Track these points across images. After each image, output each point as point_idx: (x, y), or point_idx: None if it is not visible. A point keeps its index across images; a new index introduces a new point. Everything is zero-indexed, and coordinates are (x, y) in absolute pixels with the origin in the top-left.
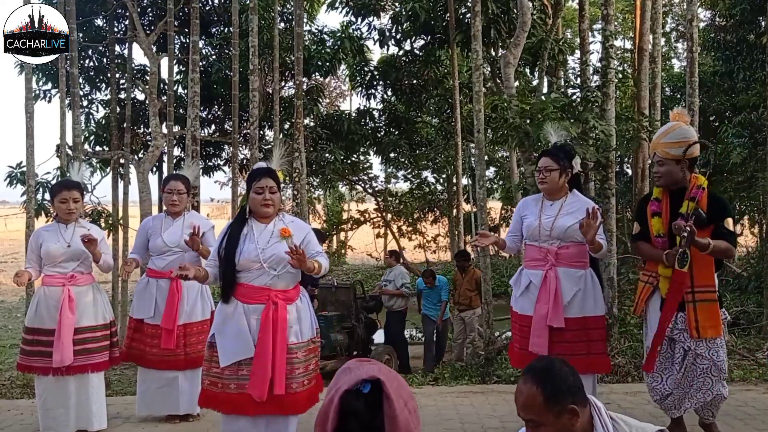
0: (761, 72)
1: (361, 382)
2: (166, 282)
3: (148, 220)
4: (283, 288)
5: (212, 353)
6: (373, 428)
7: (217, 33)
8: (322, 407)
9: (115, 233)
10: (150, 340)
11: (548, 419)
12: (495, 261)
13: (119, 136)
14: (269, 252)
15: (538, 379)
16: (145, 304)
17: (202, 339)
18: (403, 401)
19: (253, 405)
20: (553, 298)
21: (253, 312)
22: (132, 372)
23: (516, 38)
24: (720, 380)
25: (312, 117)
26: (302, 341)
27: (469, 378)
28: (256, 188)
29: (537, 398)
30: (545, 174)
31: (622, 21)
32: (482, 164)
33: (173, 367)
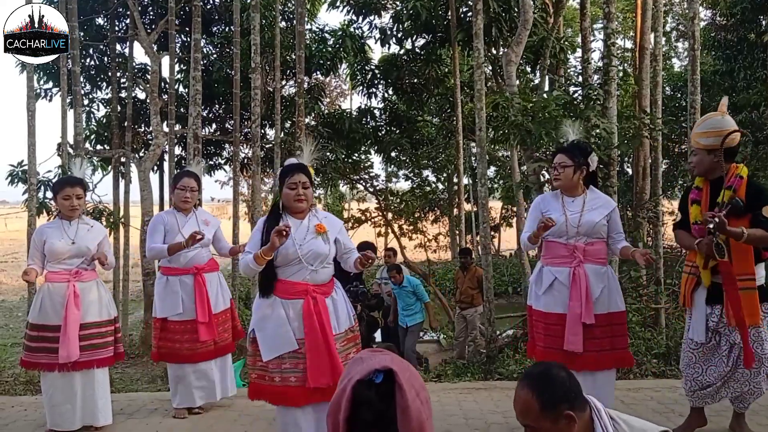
0: (762, 71)
1: (373, 372)
2: (189, 278)
3: (161, 216)
4: (320, 282)
5: (255, 348)
6: (385, 418)
7: (219, 32)
8: (335, 397)
9: (117, 232)
10: (180, 336)
11: (545, 425)
12: (495, 260)
13: (120, 135)
14: (306, 248)
15: (534, 386)
16: (171, 302)
17: (227, 327)
18: (415, 391)
19: (301, 396)
20: (585, 295)
21: (291, 307)
22: (134, 369)
23: (518, 36)
24: (761, 372)
25: (313, 116)
26: (340, 332)
27: (471, 375)
28: (289, 184)
29: (533, 405)
30: (559, 170)
31: (623, 20)
32: (484, 163)
33: (206, 357)
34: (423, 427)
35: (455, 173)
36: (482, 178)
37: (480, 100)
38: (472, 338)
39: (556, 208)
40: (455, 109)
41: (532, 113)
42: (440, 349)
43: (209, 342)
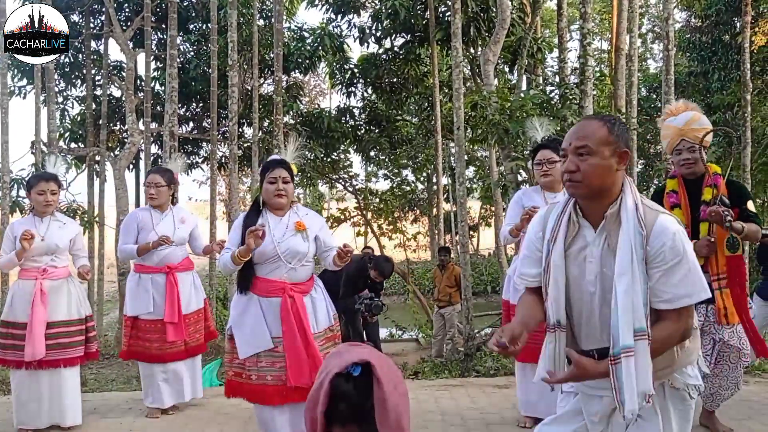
0: (736, 72)
1: (351, 365)
2: (161, 276)
3: (135, 213)
4: (299, 280)
5: (232, 345)
6: (363, 411)
7: (195, 29)
8: (312, 391)
9: (91, 231)
10: (150, 335)
11: (602, 152)
12: (474, 260)
13: (95, 133)
14: (285, 245)
15: (605, 119)
16: (142, 301)
17: (198, 328)
18: (393, 384)
19: (276, 394)
20: None
21: (269, 305)
22: (109, 370)
23: (495, 35)
24: (738, 367)
25: (292, 114)
26: (319, 331)
27: (449, 373)
28: (269, 178)
29: (601, 130)
30: (548, 166)
31: (599, 21)
32: (462, 162)
33: (176, 358)
34: (400, 420)
35: (434, 173)
36: (460, 177)
37: (458, 100)
38: (450, 336)
39: (539, 203)
40: (434, 109)
41: (510, 112)
42: (419, 348)
43: (179, 342)
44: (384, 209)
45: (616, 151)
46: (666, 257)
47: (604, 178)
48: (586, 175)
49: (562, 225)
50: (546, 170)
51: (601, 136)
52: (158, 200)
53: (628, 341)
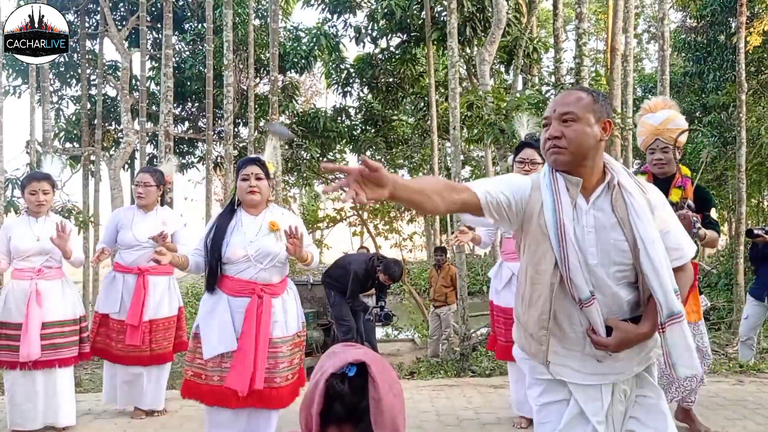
0: (731, 72)
1: (346, 366)
2: (133, 277)
3: (119, 211)
4: (270, 282)
5: (196, 344)
6: (358, 411)
7: (191, 29)
8: (308, 391)
9: (86, 231)
10: (115, 335)
11: (587, 119)
12: (470, 259)
13: (90, 133)
14: (256, 245)
15: (589, 90)
16: (111, 299)
17: (168, 335)
18: (388, 385)
19: (236, 398)
20: None
21: (238, 305)
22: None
23: (491, 36)
24: (703, 365)
25: (287, 114)
26: (288, 335)
27: (445, 373)
28: (242, 175)
29: (585, 98)
30: (530, 167)
31: (595, 21)
32: (458, 162)
33: (138, 362)
34: (396, 421)
35: (430, 173)
36: (456, 177)
37: (454, 99)
38: (446, 336)
39: None
40: (430, 109)
41: (506, 112)
42: (414, 348)
43: (143, 347)
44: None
45: (600, 120)
46: (668, 219)
47: (588, 146)
48: (571, 141)
49: (562, 192)
50: (528, 170)
51: (587, 104)
52: (146, 200)
53: (679, 306)
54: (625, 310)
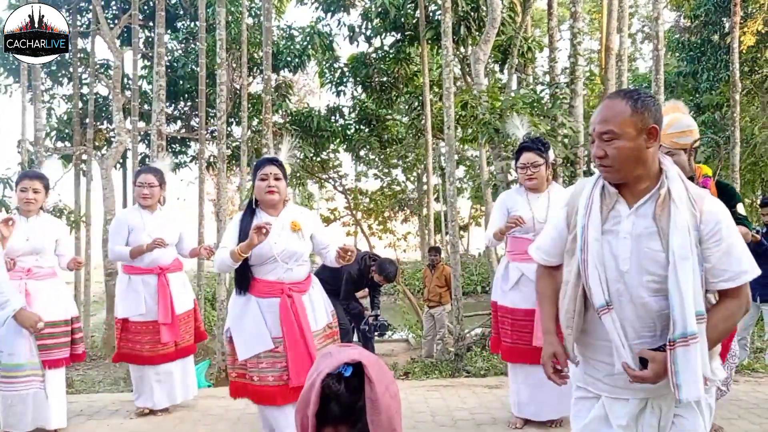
0: (725, 72)
1: (342, 366)
2: (152, 278)
3: (124, 213)
4: (296, 280)
5: (232, 347)
6: (354, 411)
7: (183, 27)
8: (303, 392)
9: (78, 231)
10: (141, 337)
11: (629, 134)
12: (464, 260)
13: (82, 132)
14: (281, 245)
15: (628, 95)
16: (133, 302)
17: (189, 329)
18: (384, 385)
19: (281, 395)
20: None
21: (267, 306)
22: (95, 372)
23: (486, 34)
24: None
25: (281, 113)
26: (318, 329)
27: (439, 373)
28: (261, 175)
29: (624, 111)
30: (533, 170)
31: (589, 21)
32: (452, 161)
33: (167, 359)
34: (392, 421)
35: (425, 172)
36: (451, 176)
37: (449, 99)
38: (440, 337)
39: (522, 205)
40: (424, 108)
41: (500, 112)
42: (409, 348)
43: (171, 344)
44: (374, 209)
45: (644, 129)
46: (723, 236)
47: (635, 160)
48: (614, 160)
49: (595, 199)
50: (531, 174)
51: (624, 118)
52: (152, 200)
53: (693, 327)
54: (654, 322)
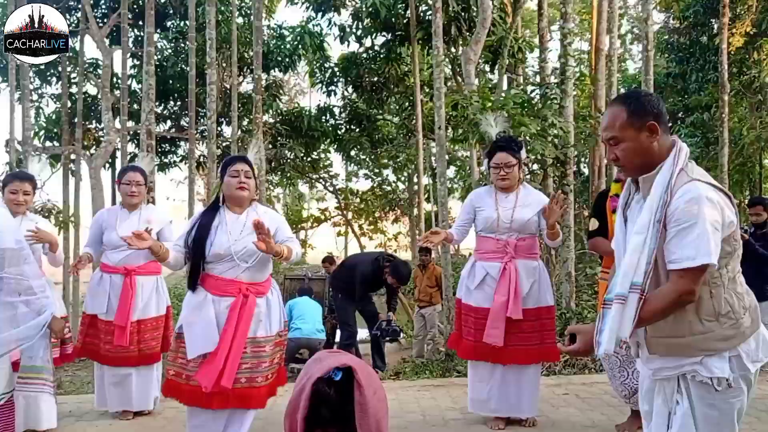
0: (713, 73)
1: (333, 370)
2: (120, 278)
3: (102, 212)
4: (254, 280)
5: (179, 344)
6: (343, 415)
7: (173, 26)
8: (293, 397)
9: (66, 231)
10: (103, 336)
11: (628, 134)
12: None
13: (70, 131)
14: (241, 244)
15: (624, 99)
16: (98, 300)
17: (156, 335)
18: (373, 389)
19: (217, 399)
20: (513, 290)
21: (223, 304)
22: (85, 373)
23: (476, 35)
24: None
25: (271, 113)
26: (270, 335)
27: (430, 373)
28: (231, 171)
29: (621, 115)
30: (506, 170)
31: (579, 22)
32: (443, 161)
33: (126, 363)
34: (380, 424)
35: (415, 173)
36: (441, 176)
37: (439, 99)
38: (431, 337)
39: (489, 204)
40: (415, 108)
41: (491, 112)
42: (399, 348)
43: (132, 348)
44: (364, 209)
45: (643, 127)
46: (680, 219)
47: (643, 155)
48: (624, 160)
49: (625, 191)
50: (503, 175)
51: (622, 122)
52: (138, 198)
53: (623, 290)
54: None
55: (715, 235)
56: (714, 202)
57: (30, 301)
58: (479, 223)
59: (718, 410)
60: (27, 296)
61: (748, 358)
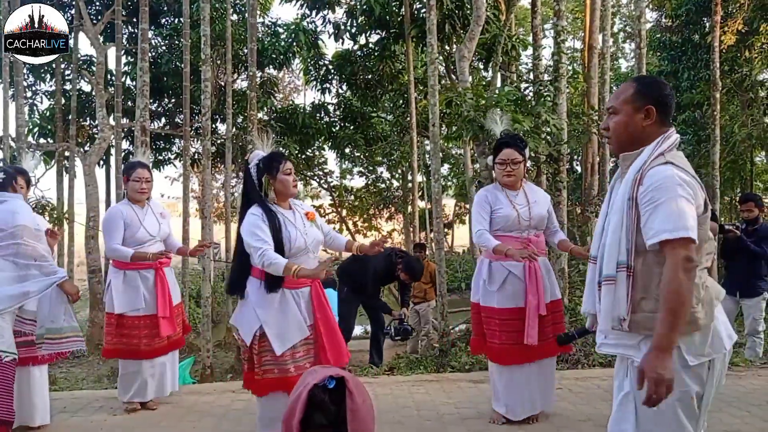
0: (705, 71)
1: (327, 378)
2: (151, 272)
3: (118, 209)
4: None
5: (262, 345)
6: (336, 421)
7: (167, 23)
8: (290, 403)
9: (60, 227)
10: (138, 332)
11: (627, 110)
12: (448, 257)
13: (64, 128)
14: (310, 236)
15: (637, 79)
16: (132, 298)
17: (179, 321)
18: (362, 397)
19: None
20: (540, 287)
21: (301, 295)
22: (79, 369)
23: (470, 32)
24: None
25: (266, 110)
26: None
27: (424, 368)
28: (285, 170)
29: (627, 91)
30: (512, 167)
31: (572, 21)
32: (437, 158)
33: (162, 353)
34: (368, 428)
35: (409, 170)
36: (435, 173)
37: (433, 96)
38: (425, 332)
39: (505, 203)
40: (409, 106)
41: (485, 109)
42: (393, 344)
43: (164, 337)
44: (359, 206)
45: (641, 108)
46: (653, 197)
47: (628, 133)
48: (612, 132)
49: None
50: (510, 171)
51: (626, 96)
52: (148, 194)
53: (611, 271)
54: None
55: (690, 209)
56: (686, 183)
57: (42, 266)
58: (497, 222)
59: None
60: (41, 262)
61: (688, 351)
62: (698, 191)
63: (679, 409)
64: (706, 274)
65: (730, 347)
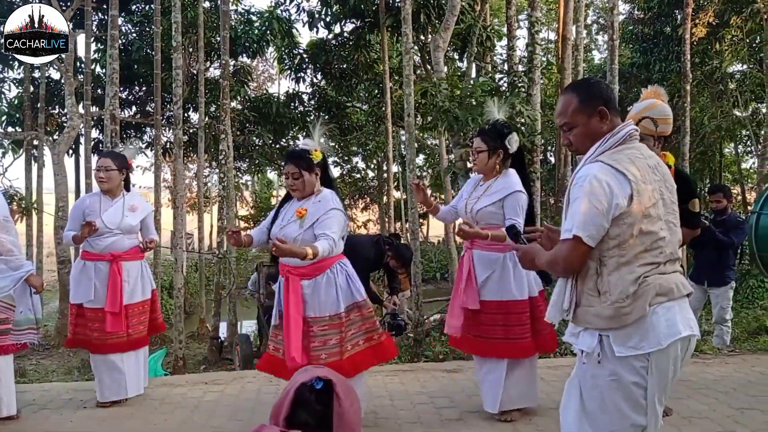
0: (676, 63)
1: (315, 379)
2: (105, 264)
3: (84, 198)
4: (297, 264)
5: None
6: (321, 422)
7: (138, 10)
8: (278, 399)
9: (29, 218)
10: (92, 324)
11: (580, 120)
12: (424, 247)
13: (33, 117)
14: (282, 231)
15: (574, 88)
16: (84, 288)
17: (143, 319)
18: (350, 401)
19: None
20: (465, 279)
21: (282, 283)
22: (49, 361)
23: (445, 22)
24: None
25: (239, 99)
26: (321, 316)
27: (398, 358)
28: (284, 173)
29: (572, 102)
30: (475, 155)
31: (547, 12)
32: (412, 149)
33: (117, 350)
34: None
35: (385, 160)
36: (411, 164)
37: (408, 86)
38: None
39: (468, 191)
40: (384, 96)
41: (460, 100)
42: None
43: (121, 333)
44: None
45: (594, 113)
46: (572, 195)
47: (593, 140)
48: (577, 144)
49: None
50: (473, 159)
51: (574, 109)
52: (108, 184)
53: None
54: None
55: (591, 212)
56: (601, 182)
57: (9, 260)
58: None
59: (599, 389)
60: (7, 257)
61: (615, 342)
62: (618, 189)
63: (621, 399)
64: (652, 270)
65: (671, 342)
